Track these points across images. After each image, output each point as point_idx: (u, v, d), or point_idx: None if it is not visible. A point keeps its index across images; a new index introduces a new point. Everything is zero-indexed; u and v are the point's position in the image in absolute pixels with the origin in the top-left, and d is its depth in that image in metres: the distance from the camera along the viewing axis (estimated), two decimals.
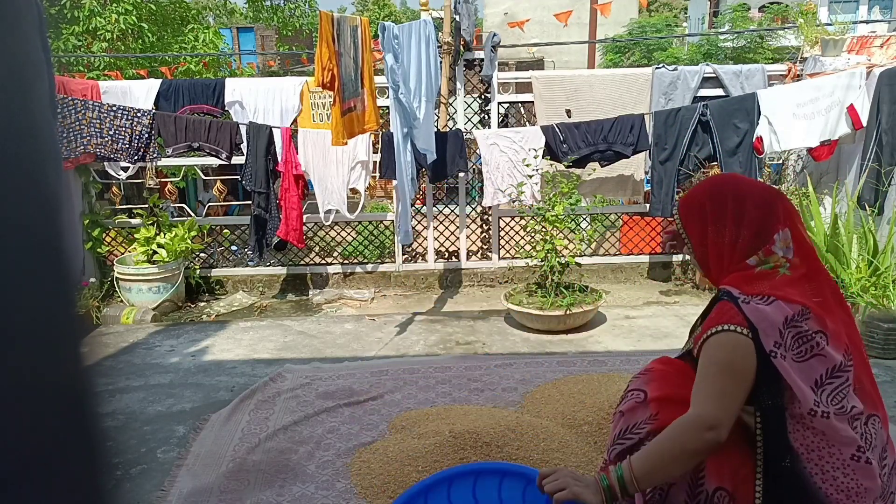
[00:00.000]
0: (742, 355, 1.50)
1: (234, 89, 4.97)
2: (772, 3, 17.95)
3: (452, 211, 5.51)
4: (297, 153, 4.80)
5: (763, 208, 1.60)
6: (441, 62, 4.55)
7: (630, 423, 1.68)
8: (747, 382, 1.50)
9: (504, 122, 5.52)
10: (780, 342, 1.49)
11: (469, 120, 5.44)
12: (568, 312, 4.13)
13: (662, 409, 1.63)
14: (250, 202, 4.96)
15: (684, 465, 1.54)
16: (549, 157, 4.88)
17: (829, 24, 5.64)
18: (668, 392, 1.65)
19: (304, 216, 4.93)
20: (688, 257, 5.50)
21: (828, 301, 1.57)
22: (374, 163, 5.03)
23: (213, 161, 5.11)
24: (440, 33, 4.63)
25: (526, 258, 4.72)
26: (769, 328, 1.49)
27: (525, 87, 5.25)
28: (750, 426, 1.57)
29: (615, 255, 5.71)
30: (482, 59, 5.08)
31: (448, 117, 5.04)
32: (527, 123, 6.04)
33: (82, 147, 4.66)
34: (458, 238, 5.51)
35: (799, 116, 4.71)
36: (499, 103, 5.25)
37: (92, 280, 5.02)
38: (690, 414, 1.53)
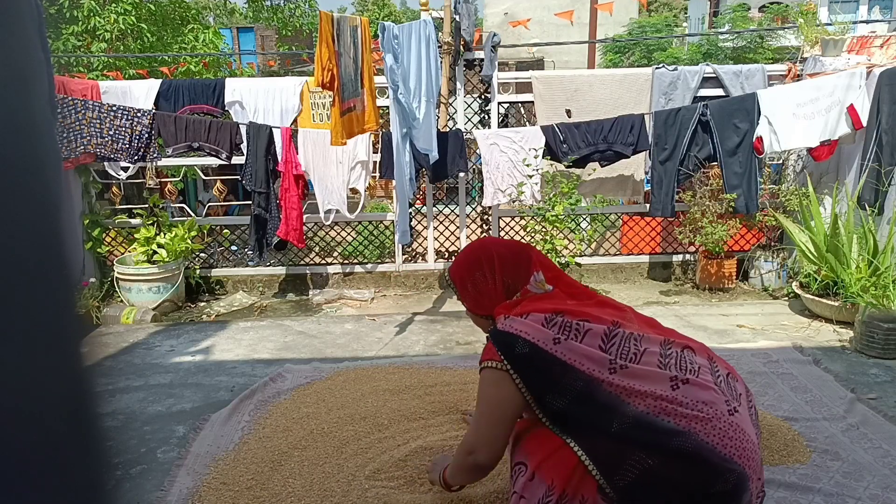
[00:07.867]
0: (498, 386, 1.77)
1: (234, 89, 4.97)
2: (772, 3, 17.95)
3: (452, 211, 5.51)
4: (297, 153, 4.80)
5: (511, 262, 1.97)
6: (441, 62, 4.55)
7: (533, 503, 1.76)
8: (506, 408, 1.77)
9: (504, 122, 5.51)
10: (556, 335, 1.74)
11: (469, 120, 5.44)
12: None
13: (548, 472, 1.72)
14: (250, 202, 4.96)
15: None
16: (549, 157, 4.87)
17: (829, 24, 5.64)
18: (544, 452, 1.76)
19: (304, 216, 4.93)
20: (688, 257, 5.54)
21: (587, 304, 1.88)
22: (374, 163, 5.03)
23: (213, 161, 5.11)
24: (440, 33, 4.63)
25: None
26: (536, 332, 1.75)
27: (525, 87, 5.24)
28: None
29: (615, 255, 5.71)
30: (482, 59, 5.07)
31: (448, 117, 5.04)
32: (527, 123, 6.04)
33: (82, 147, 4.66)
34: (458, 238, 5.51)
35: (799, 116, 4.71)
36: (499, 103, 5.25)
37: (92, 280, 5.02)
38: (463, 439, 1.94)
